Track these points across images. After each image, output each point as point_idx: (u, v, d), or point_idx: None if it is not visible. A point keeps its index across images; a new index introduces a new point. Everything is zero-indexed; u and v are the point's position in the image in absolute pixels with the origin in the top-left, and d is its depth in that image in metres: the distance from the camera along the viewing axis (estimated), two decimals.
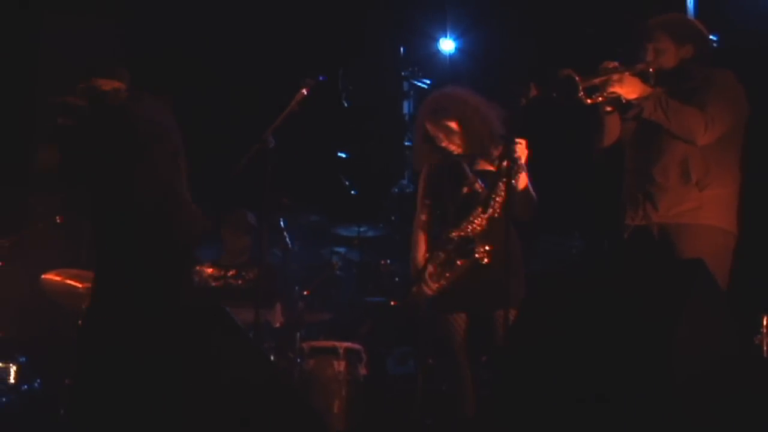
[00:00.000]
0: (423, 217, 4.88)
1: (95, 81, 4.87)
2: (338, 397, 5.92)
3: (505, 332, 4.07)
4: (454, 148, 4.80)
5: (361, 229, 7.45)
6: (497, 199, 4.55)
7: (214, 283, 6.45)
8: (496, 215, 4.58)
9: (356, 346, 6.16)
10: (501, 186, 4.47)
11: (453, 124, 4.78)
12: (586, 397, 3.04)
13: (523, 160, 4.48)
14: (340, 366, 5.97)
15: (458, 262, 4.63)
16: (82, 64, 5.03)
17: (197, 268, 6.55)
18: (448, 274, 4.64)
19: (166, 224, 4.77)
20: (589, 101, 4.26)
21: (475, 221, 4.61)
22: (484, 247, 4.58)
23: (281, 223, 6.53)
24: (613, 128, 4.47)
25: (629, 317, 3.05)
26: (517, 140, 4.42)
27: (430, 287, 4.64)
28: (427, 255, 4.72)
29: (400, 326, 6.65)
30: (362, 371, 6.08)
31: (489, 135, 4.75)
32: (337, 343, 6.10)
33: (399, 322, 6.66)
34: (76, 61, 5.77)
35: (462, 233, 4.63)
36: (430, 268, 4.64)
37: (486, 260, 4.57)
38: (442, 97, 4.90)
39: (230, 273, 6.52)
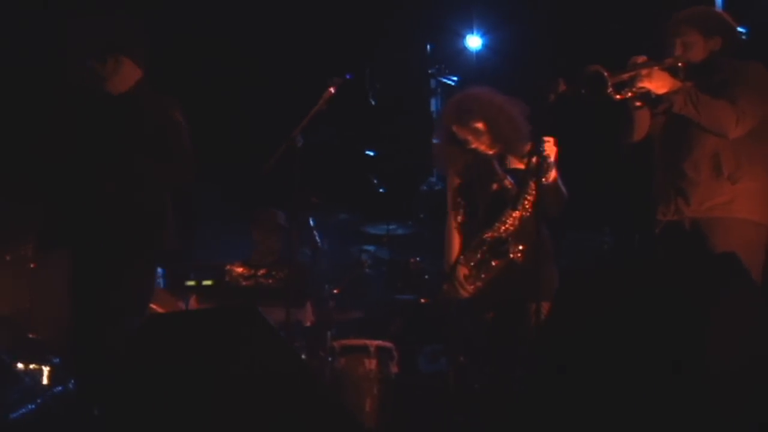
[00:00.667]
0: (458, 218, 4.86)
1: (121, 58, 4.60)
2: (370, 395, 5.92)
3: (537, 325, 4.06)
4: (484, 149, 4.79)
5: (390, 227, 7.46)
6: (528, 197, 4.54)
7: (245, 283, 6.48)
8: (527, 214, 4.57)
9: (387, 344, 6.16)
10: (531, 184, 4.46)
11: (480, 125, 4.77)
12: (619, 392, 3.03)
13: (552, 158, 4.47)
14: (372, 364, 5.97)
15: (493, 263, 4.62)
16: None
17: (227, 267, 6.58)
18: (483, 275, 4.63)
19: (157, 226, 4.60)
20: (618, 97, 4.25)
21: (507, 221, 4.60)
22: (518, 247, 4.57)
23: (311, 221, 6.54)
24: (642, 123, 4.45)
25: (663, 312, 3.03)
26: (545, 138, 4.41)
27: (467, 290, 4.62)
28: (460, 256, 4.70)
29: (431, 324, 6.65)
30: (393, 369, 6.08)
31: (515, 133, 4.74)
32: (368, 342, 6.10)
33: (430, 319, 6.66)
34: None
35: (495, 234, 4.62)
36: (465, 270, 4.63)
37: (521, 260, 4.57)
38: (465, 99, 4.87)
39: (261, 272, 6.55)
